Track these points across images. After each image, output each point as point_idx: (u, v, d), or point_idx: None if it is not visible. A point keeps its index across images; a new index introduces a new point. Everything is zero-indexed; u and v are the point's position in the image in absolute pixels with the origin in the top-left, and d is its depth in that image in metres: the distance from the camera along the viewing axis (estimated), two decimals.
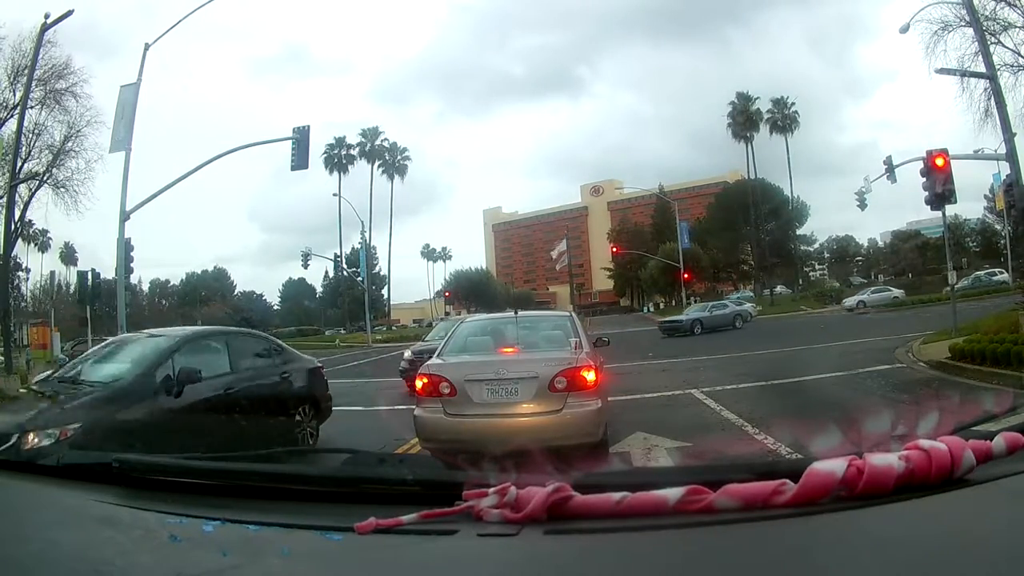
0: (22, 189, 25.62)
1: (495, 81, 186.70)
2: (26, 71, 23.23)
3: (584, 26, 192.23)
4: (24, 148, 24.48)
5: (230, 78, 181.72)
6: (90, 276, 22.56)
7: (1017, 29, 20.44)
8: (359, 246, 54.67)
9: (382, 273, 73.11)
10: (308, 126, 21.80)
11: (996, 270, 48.49)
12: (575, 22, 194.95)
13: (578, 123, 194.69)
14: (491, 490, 1.10)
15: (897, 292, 45.43)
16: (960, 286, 44.44)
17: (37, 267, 64.20)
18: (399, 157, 70.99)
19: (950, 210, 19.29)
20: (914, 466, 1.04)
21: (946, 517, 1.00)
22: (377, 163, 69.87)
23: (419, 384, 6.19)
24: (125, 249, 20.29)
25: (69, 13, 21.78)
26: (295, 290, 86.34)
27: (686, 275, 53.16)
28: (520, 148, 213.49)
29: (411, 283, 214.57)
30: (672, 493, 1.05)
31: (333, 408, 8.83)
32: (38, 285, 64.26)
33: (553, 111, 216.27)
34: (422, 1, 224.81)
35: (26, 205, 26.84)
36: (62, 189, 26.71)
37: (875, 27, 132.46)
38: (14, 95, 24.33)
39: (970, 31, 19.32)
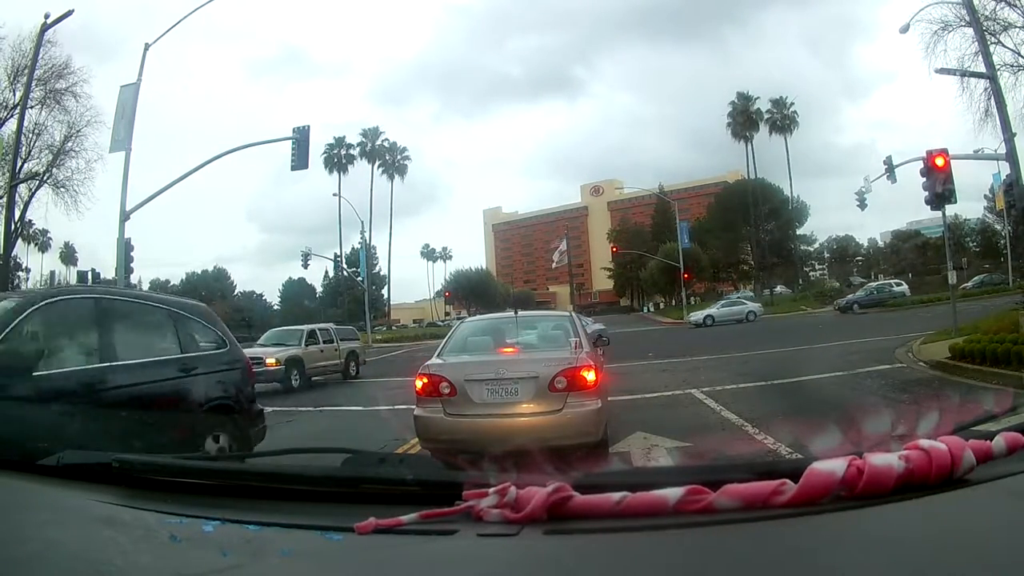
0: (22, 189, 25.65)
1: (493, 82, 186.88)
2: (26, 71, 23.25)
3: (581, 27, 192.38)
4: (24, 148, 24.50)
5: (230, 79, 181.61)
6: (90, 276, 22.57)
7: (1017, 29, 20.46)
8: (359, 246, 54.67)
9: (382, 273, 73.16)
10: (308, 126, 21.82)
11: (894, 281, 46.25)
12: (571, 23, 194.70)
13: (577, 123, 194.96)
14: (491, 490, 1.10)
15: (753, 306, 41.88)
16: (857, 296, 41.83)
17: (37, 267, 64.41)
18: (399, 157, 71.02)
19: (950, 210, 19.33)
20: (914, 466, 1.04)
21: (946, 517, 1.00)
22: (377, 163, 69.91)
23: (419, 384, 6.19)
24: (125, 249, 20.29)
25: (69, 13, 21.82)
26: (295, 290, 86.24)
27: (686, 275, 53.22)
28: (519, 148, 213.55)
29: (411, 283, 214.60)
30: (672, 493, 1.05)
31: (333, 407, 8.82)
32: (38, 285, 64.31)
33: (552, 111, 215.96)
34: (419, 3, 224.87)
35: (26, 205, 26.89)
36: (62, 189, 26.75)
37: (874, 28, 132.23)
38: (14, 95, 24.36)
39: (970, 31, 19.34)
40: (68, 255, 67.04)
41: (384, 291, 74.11)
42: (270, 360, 16.11)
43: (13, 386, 4.34)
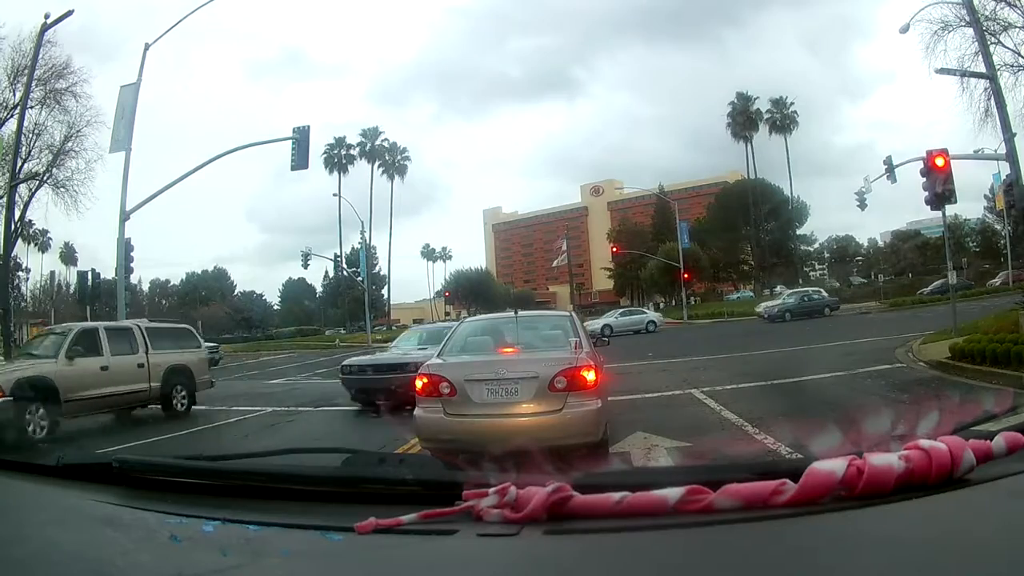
0: (22, 189, 25.65)
1: (492, 82, 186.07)
2: (26, 71, 23.24)
3: (579, 28, 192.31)
4: (24, 148, 24.49)
5: (229, 80, 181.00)
6: (90, 276, 22.54)
7: (1017, 29, 20.46)
8: (359, 246, 54.77)
9: (382, 273, 73.27)
10: (308, 126, 21.84)
11: (813, 290, 43.73)
12: (569, 24, 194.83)
13: (576, 124, 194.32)
14: (491, 490, 1.10)
15: (653, 316, 40.17)
16: (788, 303, 37.86)
17: (37, 267, 64.45)
18: (399, 157, 71.13)
19: (950, 210, 19.34)
20: (914, 466, 1.04)
21: (946, 517, 1.00)
22: (377, 163, 69.99)
23: (419, 384, 6.19)
24: (125, 249, 20.30)
25: (69, 13, 21.80)
26: (295, 290, 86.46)
27: (686, 275, 53.21)
28: (518, 148, 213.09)
29: (411, 283, 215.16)
30: (672, 493, 1.05)
31: (333, 407, 8.75)
32: (38, 285, 64.51)
33: (550, 112, 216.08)
34: (417, 4, 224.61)
35: (26, 205, 26.90)
36: (62, 189, 26.77)
37: (873, 28, 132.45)
38: (14, 95, 24.36)
39: (970, 31, 19.34)
40: (68, 255, 67.12)
41: (384, 291, 74.27)
42: None
43: None
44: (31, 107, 24.37)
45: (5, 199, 23.27)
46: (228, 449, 5.48)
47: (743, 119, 61.56)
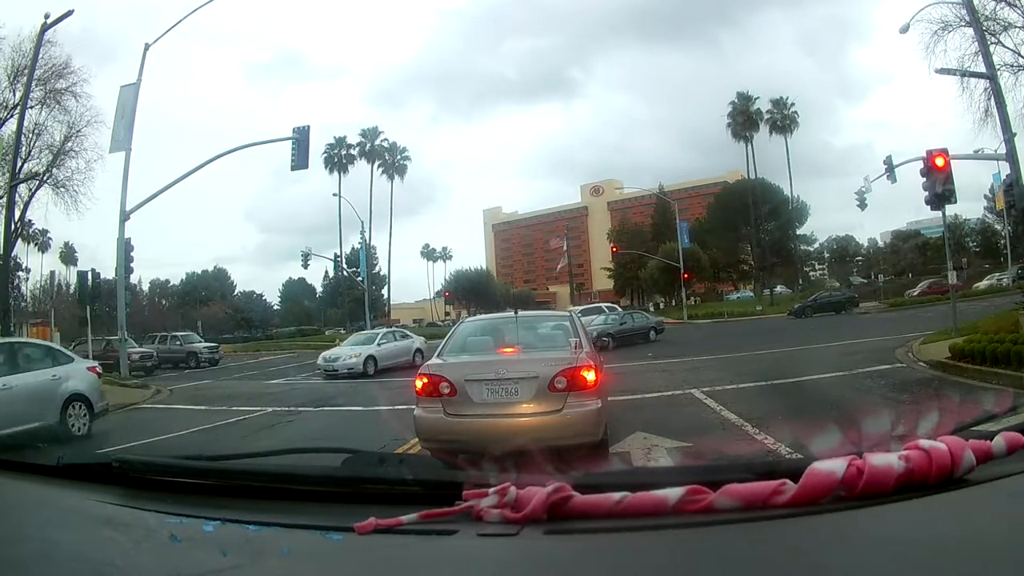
0: (22, 189, 25.63)
1: (489, 84, 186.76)
2: (26, 71, 23.24)
3: (575, 29, 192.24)
4: (24, 148, 24.47)
5: (228, 82, 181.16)
6: (90, 276, 22.51)
7: (1017, 29, 20.46)
8: (359, 246, 54.67)
9: (382, 273, 73.09)
10: (308, 126, 21.91)
11: (606, 305, 34.73)
12: (566, 25, 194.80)
13: (575, 124, 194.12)
14: (491, 490, 1.10)
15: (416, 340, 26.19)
16: (609, 324, 25.23)
17: (37, 267, 64.32)
18: (399, 157, 70.97)
19: (950, 210, 19.36)
20: (914, 466, 1.04)
21: (946, 517, 1.00)
22: (377, 163, 69.89)
23: (419, 384, 6.19)
24: (125, 249, 20.31)
25: (69, 13, 21.82)
26: (295, 290, 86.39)
27: (686, 275, 53.21)
28: (517, 149, 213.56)
29: (411, 283, 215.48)
30: (672, 493, 1.05)
31: (333, 408, 8.77)
32: (38, 285, 64.34)
33: (549, 112, 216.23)
34: (414, 6, 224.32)
35: (26, 205, 26.86)
36: (62, 189, 26.73)
37: (871, 29, 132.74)
38: (14, 95, 24.34)
39: (970, 31, 19.36)
40: (68, 255, 67.02)
41: (384, 291, 74.09)
42: None
43: None
44: (31, 107, 24.36)
45: (5, 199, 23.27)
46: (228, 449, 5.48)
47: (743, 119, 61.42)
